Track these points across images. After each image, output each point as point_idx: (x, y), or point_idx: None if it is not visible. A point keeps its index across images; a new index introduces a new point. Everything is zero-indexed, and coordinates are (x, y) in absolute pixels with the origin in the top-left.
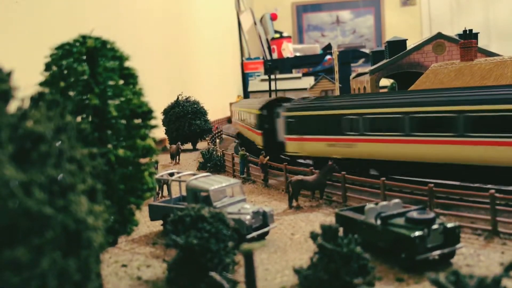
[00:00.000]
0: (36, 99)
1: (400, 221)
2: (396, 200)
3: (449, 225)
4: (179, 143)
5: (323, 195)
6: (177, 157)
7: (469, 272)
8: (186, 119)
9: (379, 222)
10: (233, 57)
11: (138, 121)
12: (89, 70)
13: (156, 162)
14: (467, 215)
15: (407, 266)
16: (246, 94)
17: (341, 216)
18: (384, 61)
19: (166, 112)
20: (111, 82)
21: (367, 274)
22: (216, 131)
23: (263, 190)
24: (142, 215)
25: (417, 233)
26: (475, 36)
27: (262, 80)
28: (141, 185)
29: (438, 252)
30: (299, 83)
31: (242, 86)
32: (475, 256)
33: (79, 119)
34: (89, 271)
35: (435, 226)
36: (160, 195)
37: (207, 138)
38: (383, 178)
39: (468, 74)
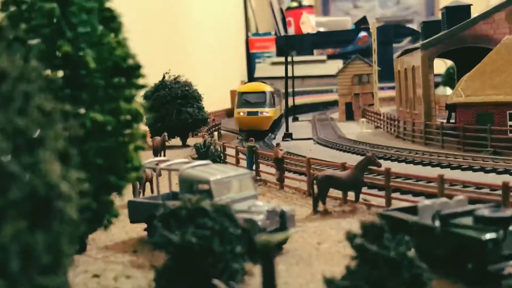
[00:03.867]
0: None
1: (467, 221)
2: (460, 197)
3: None
4: (165, 134)
5: (359, 197)
6: (162, 152)
7: None
8: (174, 106)
9: (438, 222)
10: (235, 33)
11: (121, 79)
12: (60, 10)
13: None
14: None
15: (475, 279)
16: (252, 80)
17: (386, 217)
18: (441, 33)
19: (147, 96)
20: (87, 27)
21: (421, 286)
22: (213, 124)
23: (278, 193)
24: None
25: (489, 236)
26: None
27: (274, 63)
28: (124, 162)
29: None
30: (323, 68)
31: (246, 70)
32: None
33: (47, 72)
34: (59, 254)
35: None
36: (141, 194)
37: (201, 131)
38: (442, 174)
39: None
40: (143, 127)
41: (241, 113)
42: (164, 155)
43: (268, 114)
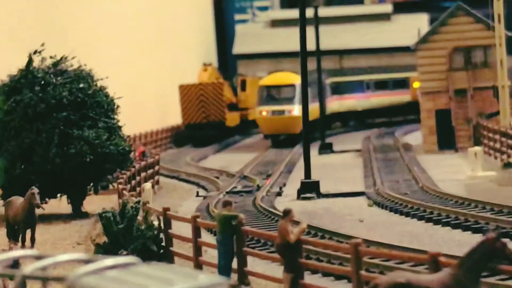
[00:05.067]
0: None
1: None
2: None
3: None
4: (35, 190)
5: None
6: (28, 233)
7: None
8: (54, 125)
9: None
10: None
11: None
12: None
13: None
14: None
15: None
16: (229, 61)
17: None
18: None
19: None
20: None
21: None
22: (143, 164)
23: None
24: None
25: None
26: None
27: (276, 23)
28: None
29: None
30: (386, 33)
31: (215, 40)
32: None
33: None
34: None
35: None
36: None
37: (117, 181)
38: None
39: None
40: None
41: (264, 113)
42: (33, 242)
43: (298, 114)
